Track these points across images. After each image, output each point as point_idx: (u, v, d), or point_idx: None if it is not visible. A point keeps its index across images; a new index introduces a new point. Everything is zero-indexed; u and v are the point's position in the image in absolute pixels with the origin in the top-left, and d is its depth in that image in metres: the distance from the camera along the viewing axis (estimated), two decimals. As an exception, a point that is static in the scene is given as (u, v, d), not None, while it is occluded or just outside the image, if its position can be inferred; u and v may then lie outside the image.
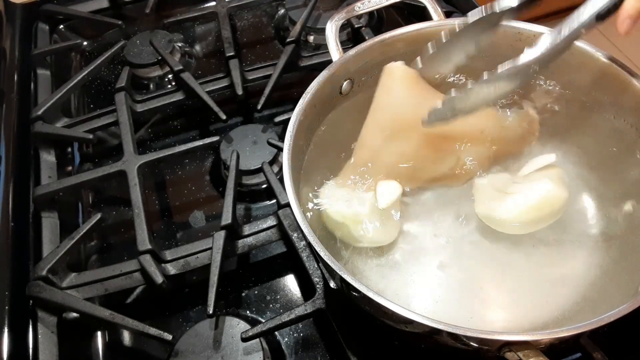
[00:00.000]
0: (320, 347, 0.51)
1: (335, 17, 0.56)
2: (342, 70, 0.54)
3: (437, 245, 0.50)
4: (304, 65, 0.73)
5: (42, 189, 0.62)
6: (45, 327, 0.52)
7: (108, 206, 0.65)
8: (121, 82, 0.71)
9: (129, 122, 0.66)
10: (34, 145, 0.68)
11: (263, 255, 0.59)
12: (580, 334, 0.36)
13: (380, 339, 0.49)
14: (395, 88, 0.51)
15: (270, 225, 0.57)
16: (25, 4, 0.87)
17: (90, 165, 0.69)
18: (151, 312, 0.54)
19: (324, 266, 0.48)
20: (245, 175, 0.63)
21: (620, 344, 0.47)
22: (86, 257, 0.60)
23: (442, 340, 0.38)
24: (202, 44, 0.84)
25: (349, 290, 0.40)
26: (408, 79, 0.51)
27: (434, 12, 0.57)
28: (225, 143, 0.65)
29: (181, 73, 0.70)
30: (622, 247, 0.47)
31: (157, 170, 0.67)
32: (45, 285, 0.52)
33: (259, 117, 0.72)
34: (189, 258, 0.55)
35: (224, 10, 0.80)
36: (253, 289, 0.56)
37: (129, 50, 0.77)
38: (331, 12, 0.77)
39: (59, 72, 0.80)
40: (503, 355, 0.37)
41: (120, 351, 0.54)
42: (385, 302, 0.37)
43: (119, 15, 0.86)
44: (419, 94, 0.51)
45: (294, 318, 0.49)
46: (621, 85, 0.50)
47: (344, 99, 0.57)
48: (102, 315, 0.51)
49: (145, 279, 0.53)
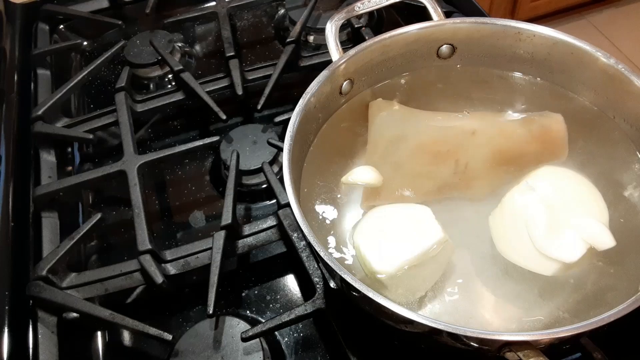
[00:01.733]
0: (320, 347, 0.51)
1: (335, 17, 0.56)
2: (342, 70, 0.54)
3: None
4: (304, 65, 0.73)
5: (42, 189, 0.62)
6: (45, 327, 0.52)
7: (108, 206, 0.65)
8: (121, 82, 0.71)
9: (129, 122, 0.66)
10: (34, 145, 0.68)
11: (263, 255, 0.59)
12: (581, 334, 0.36)
13: (380, 339, 0.49)
14: (382, 114, 0.55)
15: (270, 225, 0.57)
16: (25, 4, 0.87)
17: (90, 165, 0.69)
18: (151, 312, 0.54)
19: (324, 266, 0.48)
20: (245, 175, 0.63)
21: (620, 344, 0.47)
22: (86, 257, 0.60)
23: (442, 341, 0.38)
24: (202, 44, 0.84)
25: (349, 290, 0.40)
26: (392, 106, 0.55)
27: (434, 12, 0.57)
28: (226, 143, 0.65)
29: (181, 73, 0.70)
30: (621, 246, 0.47)
31: (157, 170, 0.67)
32: (45, 285, 0.52)
33: (259, 117, 0.72)
34: (189, 258, 0.55)
35: (224, 10, 0.80)
36: (253, 289, 0.56)
37: (129, 50, 0.77)
38: (331, 12, 0.77)
39: (59, 72, 0.80)
40: (503, 355, 0.37)
41: (121, 351, 0.54)
42: (385, 302, 0.37)
43: (119, 15, 0.86)
44: (405, 112, 0.55)
45: (294, 318, 0.49)
46: (621, 85, 0.50)
47: (344, 99, 0.57)
48: (102, 315, 0.51)
49: (146, 279, 0.53)
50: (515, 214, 0.47)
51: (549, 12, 2.01)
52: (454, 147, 0.52)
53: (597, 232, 0.45)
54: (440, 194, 0.51)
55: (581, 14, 2.13)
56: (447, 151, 0.52)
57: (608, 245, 0.45)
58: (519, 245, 0.46)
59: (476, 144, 0.52)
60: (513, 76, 0.58)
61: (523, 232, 0.46)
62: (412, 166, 0.52)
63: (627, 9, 2.16)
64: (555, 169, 0.50)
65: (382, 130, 0.54)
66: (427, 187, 0.51)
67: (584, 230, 0.45)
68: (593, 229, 0.45)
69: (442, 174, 0.52)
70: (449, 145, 0.52)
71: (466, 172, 0.51)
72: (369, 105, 0.56)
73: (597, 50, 0.51)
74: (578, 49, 0.52)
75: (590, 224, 0.45)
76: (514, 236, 0.47)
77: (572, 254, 0.44)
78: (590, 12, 2.14)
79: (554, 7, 2.01)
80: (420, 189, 0.51)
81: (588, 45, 0.51)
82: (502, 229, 0.48)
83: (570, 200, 0.47)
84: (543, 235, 0.45)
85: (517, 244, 0.46)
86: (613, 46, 2.01)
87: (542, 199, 0.47)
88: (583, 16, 2.13)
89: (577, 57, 0.52)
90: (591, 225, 0.45)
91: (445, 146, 0.52)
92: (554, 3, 1.99)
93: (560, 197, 0.47)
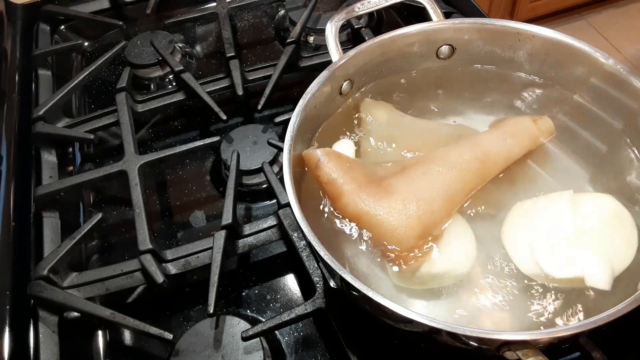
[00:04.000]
0: (320, 346, 0.51)
1: (335, 17, 0.56)
2: (342, 70, 0.54)
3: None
4: (304, 65, 0.74)
5: (43, 188, 0.62)
6: (46, 326, 0.52)
7: (109, 206, 0.65)
8: (122, 82, 0.71)
9: (129, 122, 0.66)
10: (35, 146, 0.68)
11: (263, 255, 0.59)
12: (580, 334, 0.36)
13: (380, 338, 0.50)
14: (371, 115, 0.55)
15: (270, 225, 0.57)
16: (26, 4, 0.87)
17: (91, 165, 0.70)
18: (152, 312, 0.55)
19: (324, 266, 0.48)
20: (245, 175, 0.63)
21: (619, 344, 0.47)
22: (87, 256, 0.61)
23: (442, 340, 0.38)
24: (203, 45, 0.84)
25: (349, 290, 0.40)
26: (381, 106, 0.56)
27: (434, 12, 0.57)
28: (226, 143, 0.65)
29: (182, 73, 0.71)
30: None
31: (158, 170, 0.68)
32: (46, 284, 0.52)
33: (259, 117, 0.72)
34: (189, 258, 0.55)
35: (225, 10, 0.80)
36: (253, 288, 0.56)
37: (130, 50, 0.78)
38: (331, 13, 0.77)
39: (60, 72, 0.80)
40: (502, 355, 0.37)
41: (121, 350, 0.54)
42: (385, 301, 0.37)
43: (120, 16, 0.86)
44: (393, 113, 0.55)
45: (294, 317, 0.49)
46: (619, 85, 0.50)
47: (343, 99, 0.57)
48: (103, 314, 0.51)
49: (146, 278, 0.53)
50: (541, 216, 0.46)
51: (548, 12, 2.01)
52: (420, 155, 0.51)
53: (596, 270, 0.43)
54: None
55: (580, 15, 2.13)
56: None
57: (600, 287, 0.42)
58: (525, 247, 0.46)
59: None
60: (512, 76, 0.58)
61: (535, 235, 0.45)
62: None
63: (626, 9, 2.16)
64: (607, 198, 0.48)
65: (374, 130, 0.55)
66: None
67: (587, 263, 0.43)
68: (595, 267, 0.43)
69: None
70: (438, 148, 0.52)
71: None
72: (360, 106, 0.56)
73: (596, 51, 0.51)
74: (577, 50, 0.52)
75: (596, 262, 0.43)
76: (525, 238, 0.46)
77: (558, 271, 0.43)
78: (589, 12, 2.14)
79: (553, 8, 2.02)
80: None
81: (587, 46, 0.51)
82: (516, 228, 0.47)
83: (601, 228, 0.45)
84: (549, 242, 0.45)
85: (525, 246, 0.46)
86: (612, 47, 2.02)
87: (574, 213, 0.45)
88: (582, 17, 2.14)
89: (576, 58, 0.53)
90: (597, 263, 0.43)
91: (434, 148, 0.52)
92: (553, 4, 2.00)
93: (594, 221, 0.45)
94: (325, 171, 0.47)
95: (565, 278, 0.43)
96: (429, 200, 0.45)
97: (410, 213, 0.44)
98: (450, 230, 0.46)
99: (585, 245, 0.44)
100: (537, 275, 0.45)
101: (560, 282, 0.44)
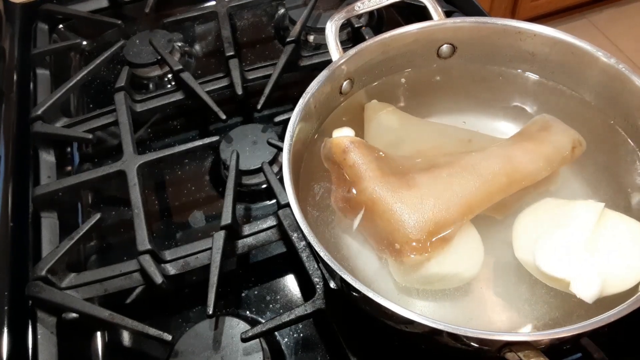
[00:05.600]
0: (320, 347, 0.51)
1: (335, 16, 0.56)
2: (342, 70, 0.53)
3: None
4: (304, 65, 0.73)
5: (41, 189, 0.61)
6: (44, 327, 0.52)
7: (107, 206, 0.65)
8: (121, 81, 0.70)
9: (128, 122, 0.66)
10: (33, 145, 0.67)
11: (263, 256, 0.59)
12: (581, 334, 0.36)
13: (380, 339, 0.49)
14: (378, 117, 0.55)
15: (270, 226, 0.56)
16: (24, 3, 0.87)
17: (89, 165, 0.69)
18: (151, 313, 0.54)
19: (324, 266, 0.48)
20: (245, 175, 0.63)
21: (620, 344, 0.47)
22: (85, 257, 0.60)
23: (443, 341, 0.38)
24: (202, 44, 0.84)
25: (349, 291, 0.40)
26: (387, 108, 0.55)
27: (434, 11, 0.57)
28: (225, 143, 0.65)
29: (181, 73, 0.70)
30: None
31: (157, 170, 0.67)
32: (44, 285, 0.52)
33: (258, 117, 0.72)
34: (188, 258, 0.55)
35: (224, 9, 0.80)
36: (253, 289, 0.56)
37: (129, 49, 0.77)
38: (331, 12, 0.77)
39: (59, 71, 0.80)
40: (503, 356, 0.37)
41: (120, 351, 0.53)
42: (386, 302, 0.37)
43: (119, 15, 0.85)
44: (401, 116, 0.55)
45: (294, 318, 0.49)
46: (621, 85, 0.50)
47: (343, 98, 0.56)
48: (101, 315, 0.50)
49: (145, 279, 0.53)
50: (564, 216, 0.45)
51: (550, 11, 2.01)
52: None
53: (585, 281, 0.42)
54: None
55: (582, 14, 2.13)
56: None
57: (582, 297, 0.41)
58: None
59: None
60: (514, 75, 0.58)
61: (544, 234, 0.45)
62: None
63: (627, 8, 2.16)
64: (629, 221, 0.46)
65: (379, 133, 0.54)
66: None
67: (580, 270, 0.42)
68: (586, 277, 0.42)
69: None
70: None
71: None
72: (364, 107, 0.56)
73: (597, 50, 0.51)
74: (579, 49, 0.52)
75: (588, 273, 0.42)
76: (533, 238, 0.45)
77: (548, 266, 0.43)
78: (590, 11, 2.14)
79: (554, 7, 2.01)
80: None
81: (589, 45, 0.51)
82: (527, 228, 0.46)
83: (613, 249, 0.44)
84: (556, 240, 0.44)
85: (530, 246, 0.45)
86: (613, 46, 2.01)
87: (596, 225, 0.44)
88: (584, 16, 2.13)
89: (578, 57, 0.52)
90: (589, 274, 0.42)
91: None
92: (554, 3, 1.99)
93: (610, 240, 0.44)
94: (353, 155, 0.48)
95: (552, 276, 0.43)
96: (446, 201, 0.45)
97: (425, 209, 0.45)
98: (460, 233, 0.45)
99: (589, 257, 0.43)
100: (527, 263, 0.44)
101: (546, 278, 0.44)
